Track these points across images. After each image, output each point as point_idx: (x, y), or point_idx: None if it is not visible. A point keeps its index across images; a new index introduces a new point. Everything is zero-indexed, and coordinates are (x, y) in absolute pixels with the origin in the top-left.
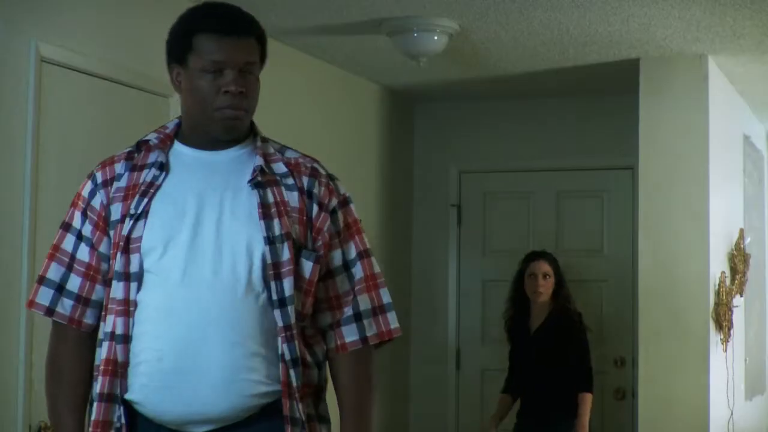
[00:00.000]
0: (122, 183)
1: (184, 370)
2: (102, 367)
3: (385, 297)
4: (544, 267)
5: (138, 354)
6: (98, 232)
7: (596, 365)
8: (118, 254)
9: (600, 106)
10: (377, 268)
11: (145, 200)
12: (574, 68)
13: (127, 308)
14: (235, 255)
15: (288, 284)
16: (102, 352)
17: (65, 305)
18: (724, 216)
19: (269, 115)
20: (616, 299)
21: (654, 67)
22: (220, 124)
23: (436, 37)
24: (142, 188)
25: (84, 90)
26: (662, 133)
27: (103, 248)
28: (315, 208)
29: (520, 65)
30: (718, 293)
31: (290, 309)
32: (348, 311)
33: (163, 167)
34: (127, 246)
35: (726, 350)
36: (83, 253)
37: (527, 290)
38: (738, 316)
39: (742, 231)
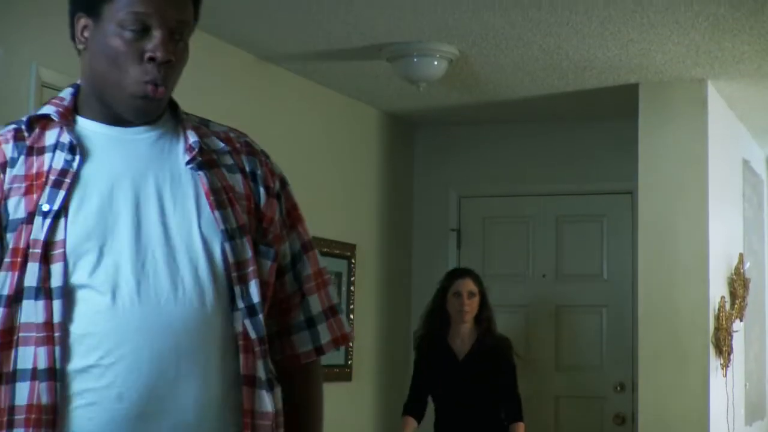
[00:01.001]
0: (18, 170)
1: (153, 414)
2: (21, 417)
3: (334, 296)
4: (470, 285)
5: (79, 394)
6: None
7: (596, 390)
8: (29, 264)
9: (599, 131)
10: (322, 262)
11: (62, 193)
12: (573, 93)
13: (51, 334)
14: (193, 258)
15: (255, 287)
16: (17, 396)
17: None
18: (724, 240)
19: (270, 140)
20: (615, 324)
21: (653, 91)
22: (130, 103)
23: (435, 62)
24: (52, 177)
25: None
26: (661, 157)
27: None
28: (262, 192)
29: (519, 90)
30: (717, 318)
31: (261, 318)
32: (298, 316)
33: (74, 149)
34: (46, 253)
35: (726, 375)
36: None
37: (451, 309)
38: (738, 341)
39: (741, 255)
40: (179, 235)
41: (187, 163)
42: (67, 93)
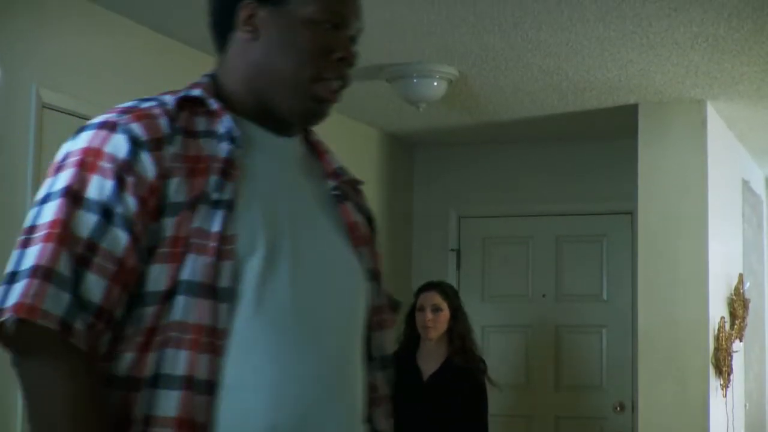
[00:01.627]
0: (177, 149)
1: None
2: (164, 430)
3: None
4: (434, 299)
5: (231, 417)
6: (144, 216)
7: (596, 410)
8: (189, 256)
9: (599, 151)
10: None
11: (230, 184)
12: (572, 114)
13: (216, 342)
14: (348, 290)
15: (389, 338)
16: (160, 405)
17: (83, 321)
18: (723, 261)
19: None
20: (615, 344)
21: (652, 112)
22: (305, 105)
23: (435, 83)
24: (217, 165)
25: None
26: (661, 177)
27: (145, 240)
28: (374, 236)
29: (519, 111)
30: (717, 338)
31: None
32: None
33: (235, 140)
34: (218, 247)
35: (726, 395)
36: (116, 243)
37: (418, 325)
38: (738, 362)
39: (741, 276)
40: (336, 264)
41: (333, 189)
42: (203, 83)
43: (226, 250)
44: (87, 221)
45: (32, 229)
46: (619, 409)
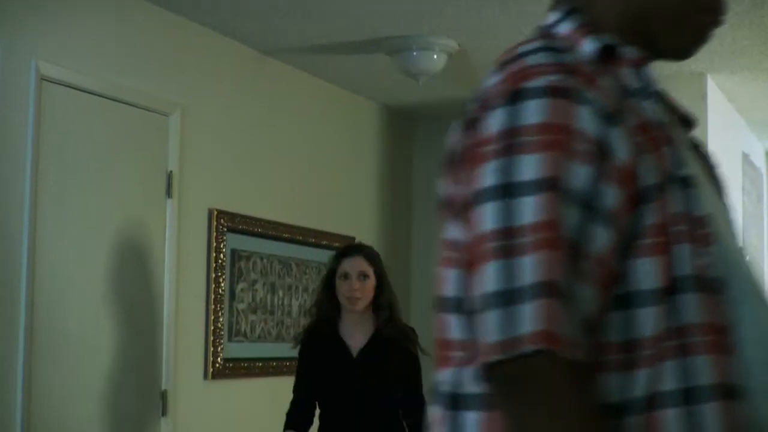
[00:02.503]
0: (632, 117)
1: None
2: None
3: None
4: (361, 265)
5: (760, 422)
6: (625, 206)
7: None
8: (679, 246)
9: None
10: None
11: (682, 155)
12: None
13: (726, 340)
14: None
15: None
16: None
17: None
18: None
19: (269, 134)
20: None
21: None
22: (697, 38)
23: (435, 56)
24: (660, 133)
25: (83, 108)
26: None
27: (625, 234)
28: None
29: None
30: None
31: None
32: None
33: (659, 100)
34: (695, 232)
35: None
36: (598, 242)
37: (339, 295)
38: None
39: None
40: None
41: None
42: (566, 27)
43: (706, 234)
44: (571, 219)
45: (510, 231)
46: None
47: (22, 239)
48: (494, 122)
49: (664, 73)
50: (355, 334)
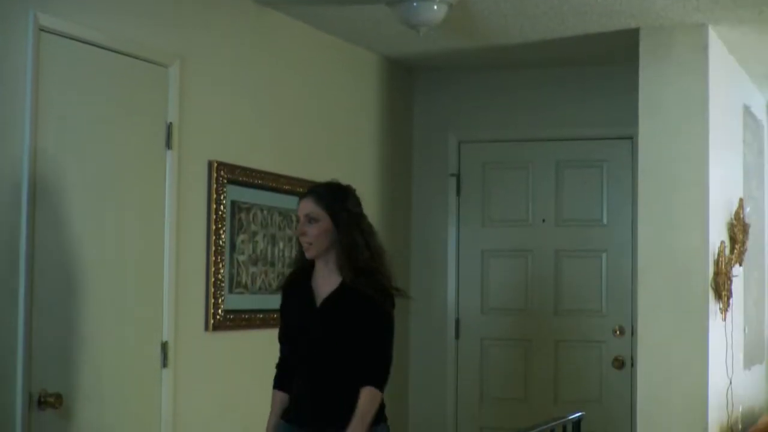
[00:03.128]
0: None
1: None
2: None
3: None
4: (307, 207)
5: None
6: None
7: (595, 334)
8: None
9: (600, 76)
10: None
11: None
12: (573, 38)
13: None
14: None
15: None
16: None
17: None
18: (724, 186)
19: (268, 85)
20: (615, 269)
21: (654, 36)
22: None
23: (435, 7)
24: None
25: (82, 59)
26: (662, 103)
27: None
28: None
29: (519, 35)
30: (717, 263)
31: None
32: None
33: None
34: None
35: (725, 319)
36: None
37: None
38: (737, 286)
39: (741, 201)
40: None
41: None
42: None
43: None
44: None
45: None
46: (618, 333)
47: (21, 192)
48: None
49: (666, 24)
50: (324, 283)
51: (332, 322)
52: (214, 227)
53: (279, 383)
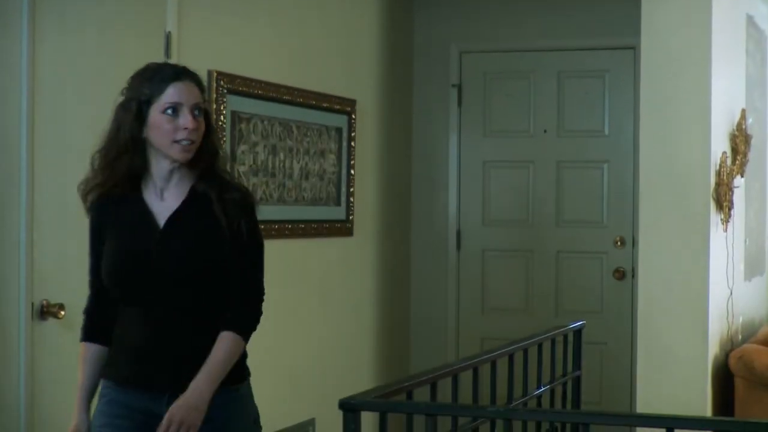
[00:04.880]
0: None
1: None
2: None
3: None
4: (194, 93)
5: None
6: None
7: (596, 245)
8: None
9: None
10: None
11: None
12: None
13: None
14: None
15: None
16: None
17: None
18: (726, 96)
19: None
20: (616, 179)
21: None
22: None
23: None
24: None
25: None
26: (664, 12)
27: None
28: None
29: None
30: (718, 173)
31: None
32: None
33: None
34: None
35: (726, 230)
36: None
37: (158, 138)
38: (738, 197)
39: (743, 111)
40: None
41: None
42: None
43: None
44: None
45: None
46: (619, 243)
47: (21, 100)
48: None
49: None
50: (166, 196)
51: (190, 245)
52: None
53: (91, 333)
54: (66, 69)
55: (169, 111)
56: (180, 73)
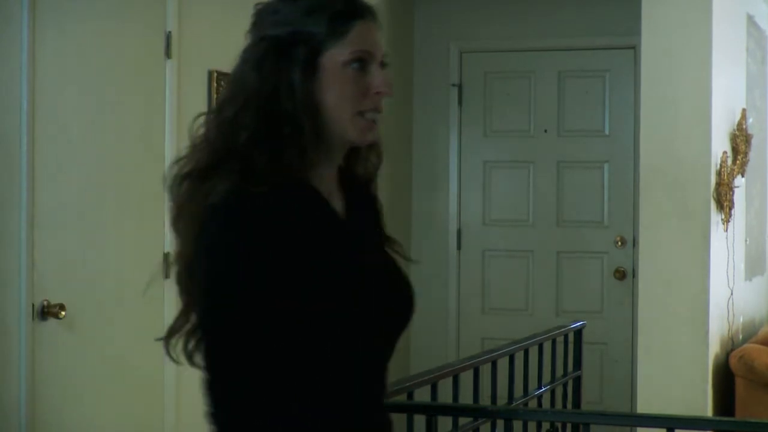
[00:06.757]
0: None
1: None
2: None
3: None
4: (381, 41)
5: None
6: None
7: (598, 245)
8: None
9: None
10: None
11: None
12: None
13: None
14: None
15: None
16: None
17: None
18: (727, 96)
19: None
20: (617, 179)
21: None
22: None
23: None
24: None
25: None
26: (665, 11)
27: None
28: None
29: None
30: (719, 173)
31: None
32: None
33: None
34: None
35: (727, 230)
36: None
37: (336, 105)
38: (739, 197)
39: (744, 111)
40: None
41: None
42: None
43: None
44: None
45: None
46: (620, 244)
47: (21, 99)
48: None
49: None
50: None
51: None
52: None
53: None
54: (66, 69)
55: (356, 65)
56: (363, 9)
